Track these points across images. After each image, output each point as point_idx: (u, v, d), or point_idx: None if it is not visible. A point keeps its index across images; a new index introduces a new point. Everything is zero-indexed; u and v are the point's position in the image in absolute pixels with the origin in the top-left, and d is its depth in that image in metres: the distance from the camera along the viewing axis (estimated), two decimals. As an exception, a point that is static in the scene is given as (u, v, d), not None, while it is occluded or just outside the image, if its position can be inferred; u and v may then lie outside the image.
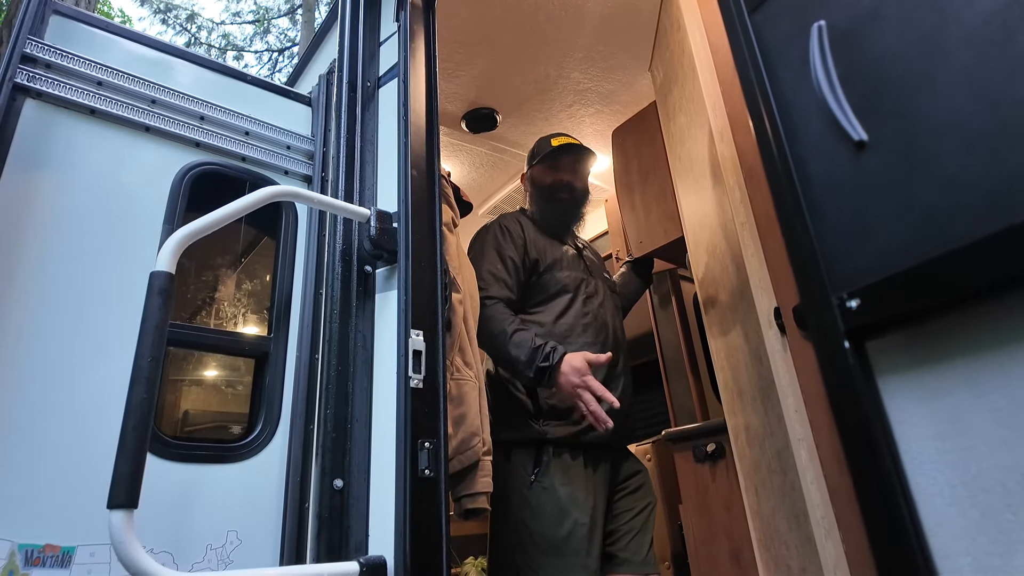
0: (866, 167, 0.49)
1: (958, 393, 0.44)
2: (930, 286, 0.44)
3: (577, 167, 2.07)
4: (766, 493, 1.52)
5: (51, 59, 1.40)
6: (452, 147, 3.04)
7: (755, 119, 0.58)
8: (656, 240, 2.38)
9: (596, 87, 2.70)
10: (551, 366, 1.60)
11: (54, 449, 1.17)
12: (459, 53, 2.45)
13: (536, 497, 1.65)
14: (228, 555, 1.29)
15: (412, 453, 1.12)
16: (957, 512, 0.43)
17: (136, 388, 0.93)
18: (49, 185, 1.33)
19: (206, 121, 1.61)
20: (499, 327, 1.69)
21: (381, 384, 1.30)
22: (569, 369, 1.58)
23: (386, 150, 1.51)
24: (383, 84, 1.60)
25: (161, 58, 1.61)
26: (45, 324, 1.23)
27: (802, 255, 0.51)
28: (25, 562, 1.09)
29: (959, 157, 0.43)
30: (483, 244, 1.90)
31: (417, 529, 1.07)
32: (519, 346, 1.64)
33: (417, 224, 1.32)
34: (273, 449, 1.42)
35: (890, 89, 0.48)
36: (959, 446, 0.43)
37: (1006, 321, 0.42)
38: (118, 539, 0.85)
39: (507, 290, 1.80)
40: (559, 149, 2.02)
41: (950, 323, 0.45)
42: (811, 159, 0.52)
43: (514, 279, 1.83)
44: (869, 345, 0.49)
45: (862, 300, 0.48)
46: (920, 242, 0.45)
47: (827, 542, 1.20)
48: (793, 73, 0.55)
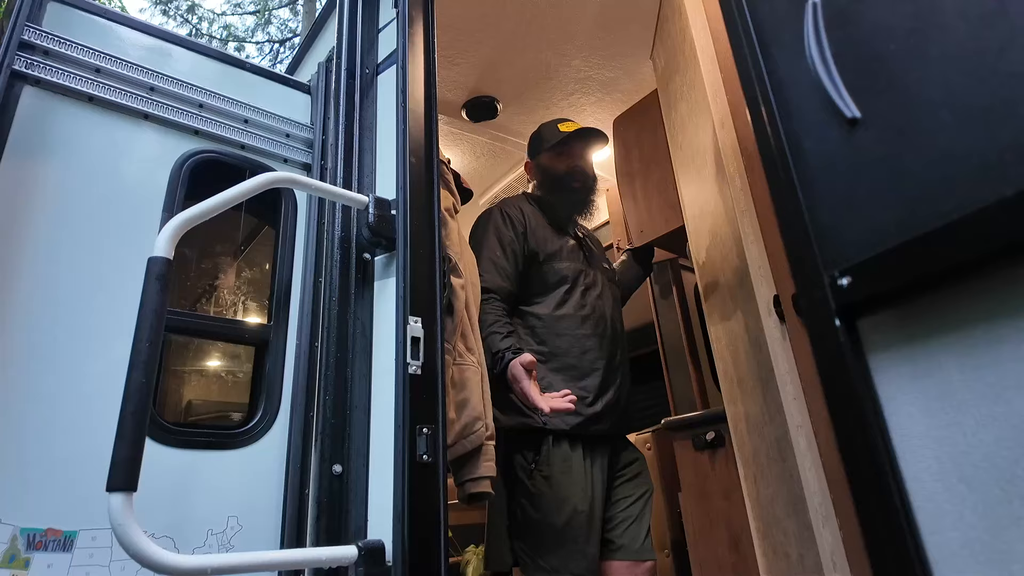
0: (859, 144, 0.49)
1: (948, 370, 0.44)
2: (922, 261, 0.44)
3: (587, 153, 2.05)
4: (765, 481, 1.53)
5: (49, 46, 1.40)
6: (452, 136, 3.03)
7: (749, 98, 0.57)
8: (657, 229, 2.37)
9: (597, 75, 2.68)
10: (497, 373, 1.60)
11: (56, 434, 1.18)
12: (459, 40, 2.43)
13: (536, 485, 1.66)
14: (229, 540, 1.31)
15: (411, 439, 1.13)
16: (944, 488, 0.43)
17: (134, 373, 0.93)
18: (48, 172, 1.33)
19: (205, 109, 1.60)
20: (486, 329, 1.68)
21: (380, 371, 1.31)
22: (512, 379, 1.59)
23: (385, 137, 1.50)
24: (382, 71, 1.59)
25: (160, 45, 1.60)
26: (45, 311, 1.24)
27: (794, 233, 0.51)
28: (27, 546, 1.10)
29: (952, 131, 0.43)
30: (485, 230, 1.88)
31: (415, 514, 1.08)
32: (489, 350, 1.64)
33: (415, 211, 1.32)
34: (273, 436, 1.43)
35: (883, 65, 0.47)
36: (949, 422, 0.43)
37: (997, 296, 0.42)
38: (117, 522, 0.85)
39: (506, 280, 1.79)
40: (573, 135, 1.98)
41: (941, 299, 0.45)
42: (805, 137, 0.52)
43: (512, 268, 1.82)
44: (860, 323, 0.49)
45: (853, 277, 0.48)
46: (912, 217, 0.45)
47: (824, 529, 1.21)
48: (788, 51, 0.54)
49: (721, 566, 1.97)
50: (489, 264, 1.79)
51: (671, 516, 2.29)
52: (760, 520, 1.60)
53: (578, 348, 1.79)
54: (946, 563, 0.41)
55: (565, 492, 1.64)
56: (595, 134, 2.02)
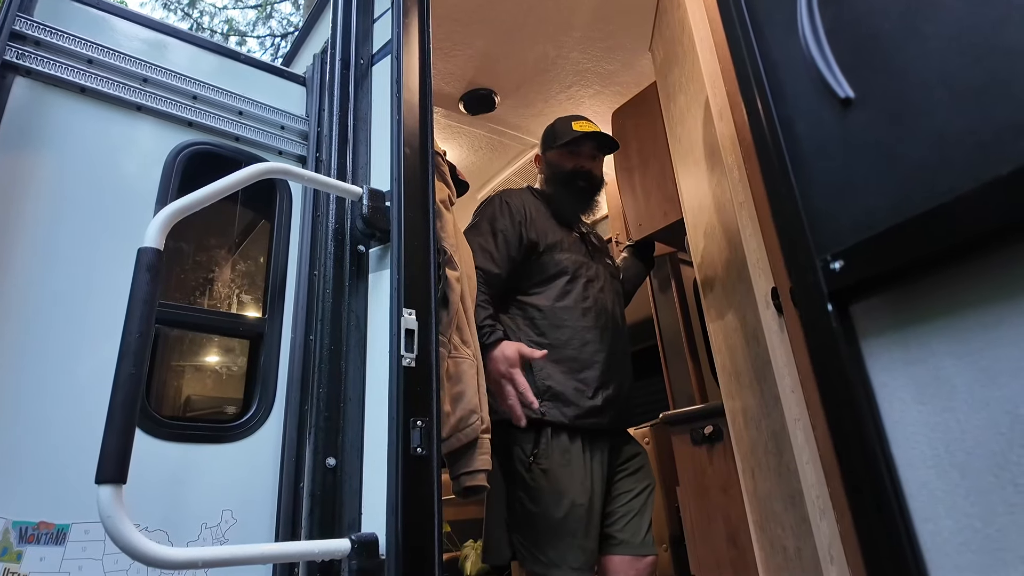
0: (852, 125, 0.47)
1: (941, 355, 0.43)
2: (915, 243, 0.43)
3: (597, 155, 2.04)
4: (762, 474, 1.52)
5: (41, 36, 1.39)
6: (450, 130, 3.02)
7: (741, 79, 0.56)
8: (656, 223, 2.37)
9: (596, 67, 2.66)
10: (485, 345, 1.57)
11: (48, 426, 1.17)
12: (456, 32, 2.42)
13: (534, 478, 1.65)
14: (223, 534, 1.30)
15: (404, 432, 1.12)
16: (937, 475, 0.42)
17: (124, 363, 0.92)
18: (39, 164, 1.32)
19: (199, 100, 1.59)
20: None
21: (374, 363, 1.30)
22: (500, 356, 1.56)
23: (379, 128, 1.49)
24: (377, 61, 1.58)
25: (153, 37, 1.59)
26: (38, 304, 1.23)
27: (787, 218, 0.50)
28: (19, 539, 1.10)
29: (947, 110, 0.42)
30: (481, 216, 1.88)
31: (409, 507, 1.07)
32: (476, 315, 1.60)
33: (410, 202, 1.31)
34: (268, 429, 1.42)
35: (877, 44, 0.46)
36: (942, 408, 0.42)
37: (991, 280, 0.41)
38: (106, 514, 0.84)
39: (491, 263, 1.77)
40: (584, 136, 1.97)
41: (934, 283, 0.44)
42: (797, 119, 0.51)
43: (502, 253, 1.80)
44: (853, 308, 0.48)
45: (846, 261, 0.47)
46: (906, 199, 0.44)
47: (822, 522, 1.20)
48: (781, 31, 0.53)
49: (719, 560, 1.97)
50: (478, 247, 1.78)
51: (669, 511, 2.29)
52: (758, 514, 1.59)
53: (578, 340, 1.78)
54: (938, 550, 0.40)
55: (564, 485, 1.64)
56: (607, 141, 2.01)
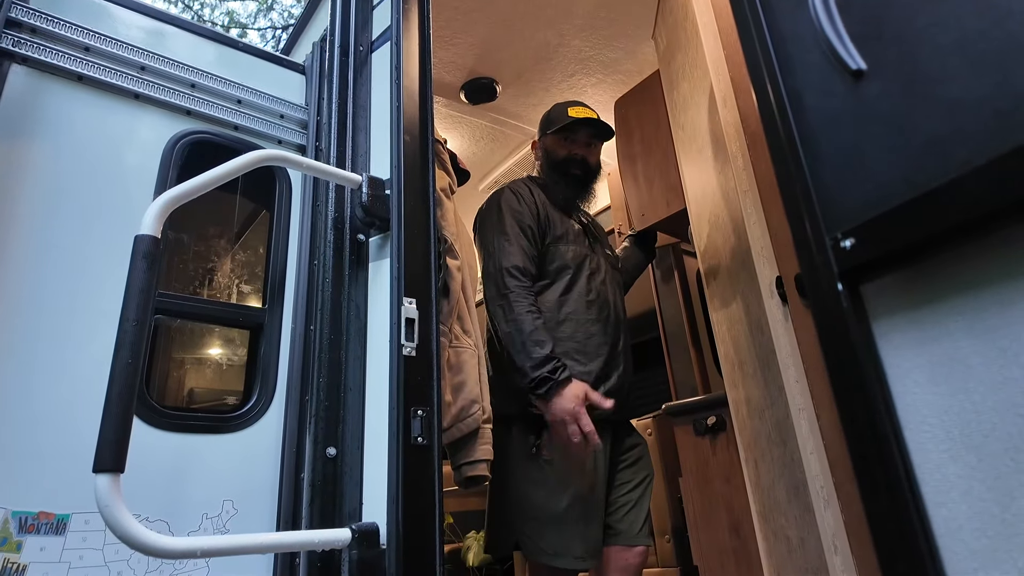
0: (864, 97, 0.46)
1: (956, 334, 0.42)
2: (930, 219, 0.41)
3: (593, 142, 2.01)
4: (766, 465, 1.51)
5: (37, 24, 1.37)
6: (452, 119, 2.99)
7: (748, 54, 0.54)
8: (658, 212, 2.34)
9: (598, 55, 2.63)
10: (556, 381, 1.56)
11: (48, 417, 1.17)
12: (457, 19, 2.39)
13: (537, 469, 1.65)
14: (224, 524, 1.30)
15: (405, 421, 1.11)
16: (952, 458, 0.40)
17: (121, 353, 0.91)
18: (36, 153, 1.31)
19: (197, 89, 1.57)
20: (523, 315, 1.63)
21: (374, 352, 1.29)
22: (571, 395, 1.55)
23: (379, 116, 1.47)
24: (376, 48, 1.56)
25: (151, 25, 1.57)
26: (35, 293, 1.22)
27: (795, 195, 0.49)
28: (19, 529, 1.09)
29: (963, 79, 0.40)
30: (499, 211, 1.82)
31: (409, 496, 1.07)
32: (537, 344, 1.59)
33: (410, 190, 1.29)
34: (269, 419, 1.42)
35: (890, 12, 0.44)
36: (956, 389, 0.41)
37: (1010, 255, 0.39)
38: (104, 503, 0.84)
39: (530, 261, 1.75)
40: (578, 122, 1.94)
41: (950, 260, 0.42)
42: (807, 92, 0.49)
43: (533, 249, 1.78)
44: (864, 288, 0.47)
45: (857, 239, 0.45)
46: (920, 173, 0.42)
47: (826, 512, 1.19)
48: (789, 2, 0.51)
49: (722, 550, 1.96)
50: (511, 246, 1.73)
51: (672, 501, 2.28)
52: (761, 504, 1.58)
53: (583, 333, 1.77)
54: (952, 536, 0.39)
55: (567, 476, 1.63)
56: (602, 128, 1.99)
